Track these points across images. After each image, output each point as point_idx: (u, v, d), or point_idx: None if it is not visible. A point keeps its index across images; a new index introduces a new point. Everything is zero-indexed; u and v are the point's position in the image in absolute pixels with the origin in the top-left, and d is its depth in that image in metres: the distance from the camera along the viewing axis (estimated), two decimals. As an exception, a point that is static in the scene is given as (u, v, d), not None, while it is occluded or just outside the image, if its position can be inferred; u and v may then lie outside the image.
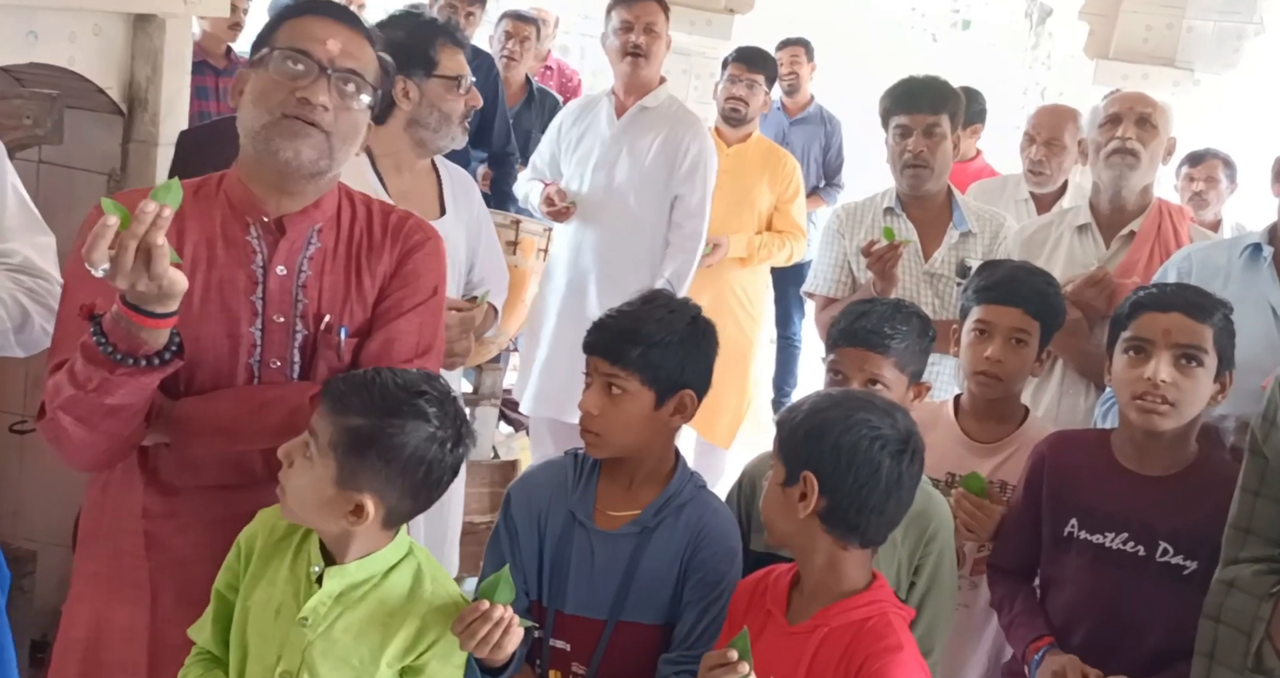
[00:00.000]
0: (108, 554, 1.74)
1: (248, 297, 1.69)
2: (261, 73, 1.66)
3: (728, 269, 4.21)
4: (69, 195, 2.84)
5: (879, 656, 1.62)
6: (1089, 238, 2.77)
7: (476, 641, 1.54)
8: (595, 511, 1.84)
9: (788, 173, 4.32)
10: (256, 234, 1.70)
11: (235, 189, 1.71)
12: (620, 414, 1.79)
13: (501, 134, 4.50)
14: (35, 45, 2.53)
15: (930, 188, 2.95)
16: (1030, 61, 8.57)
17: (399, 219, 1.80)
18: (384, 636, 1.56)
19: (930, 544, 1.95)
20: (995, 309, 2.27)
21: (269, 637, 1.55)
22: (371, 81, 1.70)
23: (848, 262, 3.03)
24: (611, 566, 1.80)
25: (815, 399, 1.73)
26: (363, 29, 1.72)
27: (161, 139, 2.84)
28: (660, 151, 3.69)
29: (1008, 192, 3.82)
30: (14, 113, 2.44)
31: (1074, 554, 2.02)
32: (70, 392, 1.54)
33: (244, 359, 1.69)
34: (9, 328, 2.03)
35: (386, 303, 1.75)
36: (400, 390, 1.51)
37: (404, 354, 1.72)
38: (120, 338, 1.48)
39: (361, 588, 1.56)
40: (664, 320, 1.82)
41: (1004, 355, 2.23)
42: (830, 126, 5.69)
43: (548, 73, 5.90)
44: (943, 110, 2.91)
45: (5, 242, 2.08)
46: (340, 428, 1.49)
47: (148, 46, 2.81)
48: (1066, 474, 2.06)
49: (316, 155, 1.64)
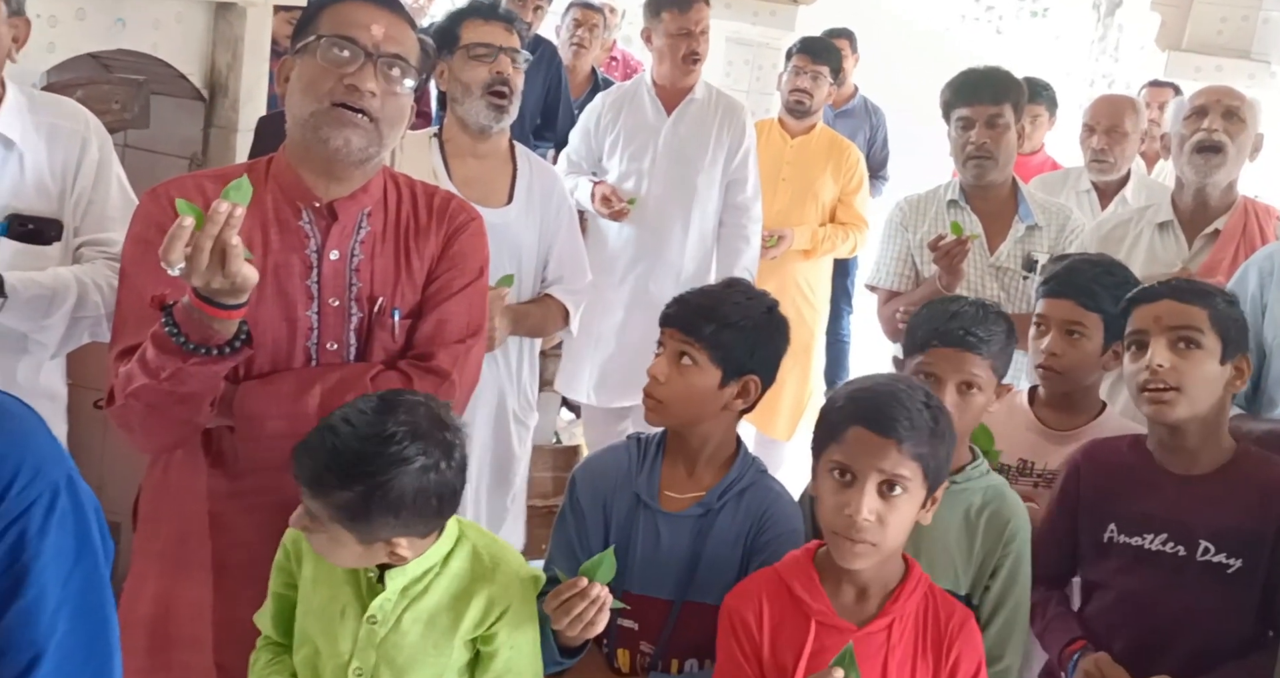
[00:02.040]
0: (172, 534, 1.77)
1: (303, 281, 1.72)
2: (307, 60, 1.68)
3: (791, 260, 4.22)
4: (151, 179, 2.89)
5: (961, 624, 1.66)
6: (1170, 236, 2.73)
7: (571, 618, 1.57)
8: (659, 493, 1.87)
9: (851, 164, 4.32)
10: (309, 219, 1.73)
11: (285, 174, 1.74)
12: (685, 385, 1.82)
13: (566, 123, 4.53)
14: (123, 32, 2.61)
15: (995, 179, 2.93)
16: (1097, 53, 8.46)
17: (442, 201, 1.83)
18: (454, 618, 1.58)
19: (1008, 546, 1.93)
20: (1050, 302, 2.25)
21: (338, 636, 1.57)
22: (415, 65, 1.72)
23: (911, 255, 3.01)
24: (676, 547, 1.83)
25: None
26: (403, 13, 1.74)
27: (241, 125, 2.91)
28: (718, 140, 3.73)
29: (1069, 184, 3.78)
30: (103, 98, 2.52)
31: (1114, 558, 2.00)
32: (142, 381, 1.56)
33: (301, 343, 1.72)
34: (102, 314, 2.11)
35: (436, 284, 1.78)
36: (366, 444, 1.45)
37: (456, 334, 1.76)
38: (192, 328, 1.51)
39: (423, 580, 1.58)
40: (741, 305, 1.85)
41: (1060, 348, 2.21)
42: (875, 118, 5.65)
43: (613, 64, 5.93)
44: (1005, 100, 2.88)
45: (106, 231, 2.15)
46: (333, 507, 1.47)
47: (228, 34, 2.88)
48: (1103, 480, 2.03)
49: (365, 143, 1.67)
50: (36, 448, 1.01)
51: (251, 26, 2.90)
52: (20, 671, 1.00)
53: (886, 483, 1.60)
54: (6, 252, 2.02)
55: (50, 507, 1.00)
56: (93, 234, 2.15)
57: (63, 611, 1.02)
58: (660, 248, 3.75)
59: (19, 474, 0.98)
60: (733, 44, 5.68)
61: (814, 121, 4.33)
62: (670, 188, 3.74)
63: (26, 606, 1.00)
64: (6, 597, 0.99)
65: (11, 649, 0.99)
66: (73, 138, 2.10)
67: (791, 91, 4.25)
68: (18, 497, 0.98)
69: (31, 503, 0.99)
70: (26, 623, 1.00)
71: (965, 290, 2.87)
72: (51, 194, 2.08)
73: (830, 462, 1.63)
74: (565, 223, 2.79)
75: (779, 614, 1.67)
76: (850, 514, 1.58)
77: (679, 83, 3.75)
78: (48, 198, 2.07)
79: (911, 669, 1.65)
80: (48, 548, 1.01)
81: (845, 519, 1.59)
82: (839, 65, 4.34)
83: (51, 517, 1.01)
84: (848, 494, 1.60)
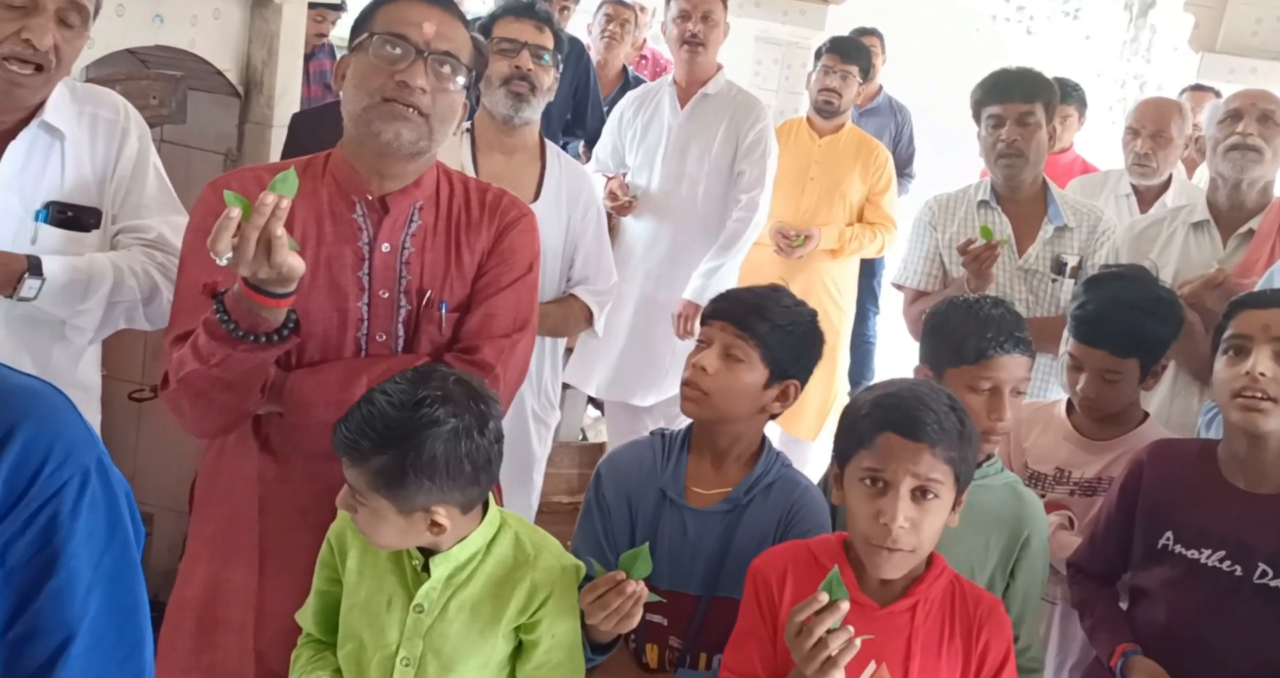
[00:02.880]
0: (223, 518, 1.81)
1: (355, 273, 1.74)
2: (361, 57, 1.71)
3: (818, 260, 4.22)
4: (186, 174, 2.95)
5: (990, 610, 1.67)
6: (1205, 235, 2.71)
7: (607, 612, 1.58)
8: (685, 488, 1.87)
9: (880, 164, 4.30)
10: (362, 212, 1.76)
11: (340, 168, 1.77)
12: (732, 380, 1.82)
13: (595, 119, 4.54)
14: (161, 28, 2.64)
15: (1025, 178, 2.91)
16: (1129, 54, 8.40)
17: (495, 196, 1.85)
18: (497, 606, 1.60)
19: (1025, 548, 1.94)
20: (1084, 349, 2.22)
21: (385, 627, 1.59)
22: (466, 63, 1.74)
23: (939, 254, 2.99)
24: (704, 542, 1.83)
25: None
26: (456, 11, 1.76)
27: (276, 120, 2.94)
28: (726, 136, 3.72)
29: (1109, 187, 3.74)
30: (141, 93, 2.54)
31: (1166, 567, 1.97)
32: (194, 366, 1.60)
33: (351, 333, 1.74)
34: (138, 299, 2.14)
35: (485, 279, 1.80)
36: (399, 410, 1.48)
37: (503, 328, 1.77)
38: (242, 316, 1.55)
39: (468, 567, 1.60)
40: (791, 309, 1.87)
41: (1096, 392, 2.20)
42: (900, 117, 5.63)
43: (643, 62, 5.94)
44: (1036, 99, 2.87)
45: (143, 218, 2.18)
46: (370, 473, 1.49)
47: (264, 31, 2.91)
48: (1166, 486, 2.00)
49: (416, 137, 1.69)
50: (67, 431, 1.01)
51: (287, 23, 2.92)
52: (53, 652, 1.00)
53: (920, 489, 1.59)
54: (47, 239, 2.04)
55: (81, 489, 1.01)
56: (130, 221, 2.17)
57: (94, 593, 1.03)
58: (670, 244, 3.75)
59: (50, 457, 0.98)
60: (762, 43, 5.67)
61: (842, 121, 4.32)
62: (678, 183, 3.74)
63: (58, 587, 1.00)
64: (39, 578, 0.99)
65: (44, 630, 1.00)
66: (113, 128, 2.14)
67: (820, 91, 4.24)
68: (49, 479, 0.98)
69: (63, 485, 0.99)
70: (59, 604, 1.00)
71: (994, 293, 2.86)
72: (91, 183, 2.11)
73: (861, 470, 1.62)
74: (593, 223, 2.80)
75: (802, 583, 1.68)
76: (886, 522, 1.57)
77: (689, 74, 3.74)
78: (87, 187, 2.10)
79: (938, 653, 1.65)
80: (79, 530, 1.01)
81: (881, 528, 1.58)
82: (869, 65, 4.33)
83: (83, 499, 1.01)
84: (881, 502, 1.59)
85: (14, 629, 0.99)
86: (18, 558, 0.98)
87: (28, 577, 0.99)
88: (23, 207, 2.02)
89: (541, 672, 1.63)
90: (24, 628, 0.99)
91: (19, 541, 0.98)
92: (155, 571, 2.92)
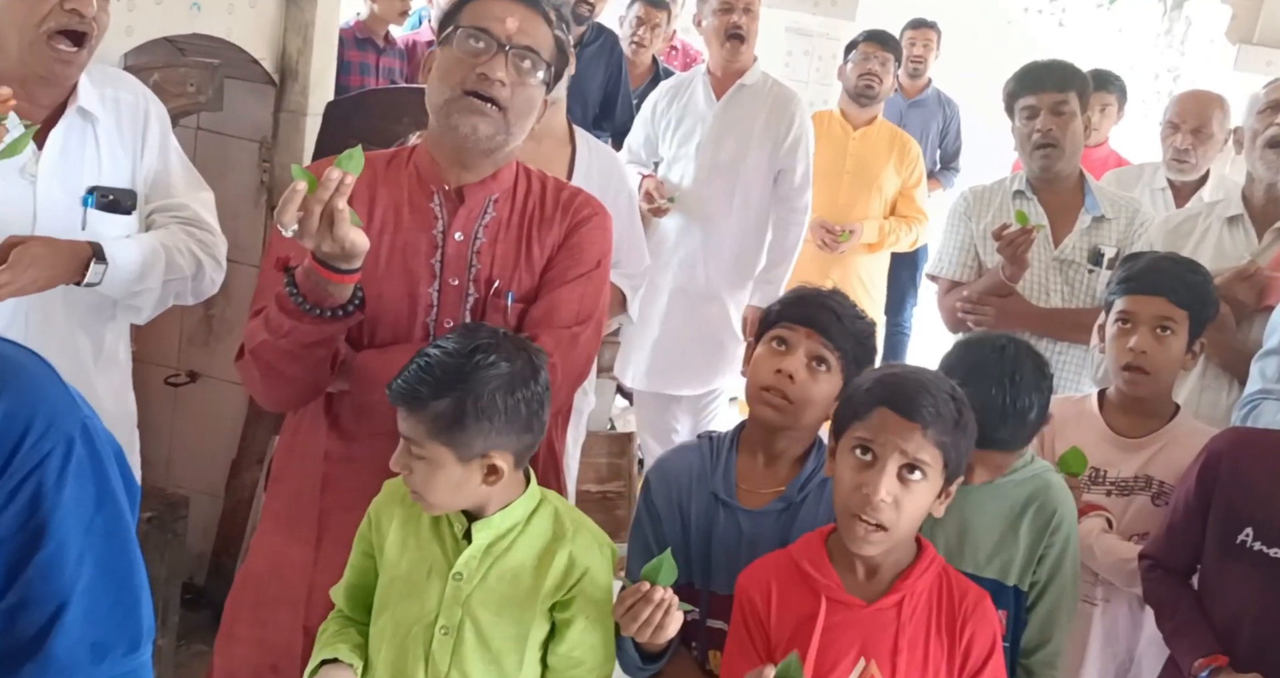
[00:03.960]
0: (291, 493, 1.86)
1: (428, 260, 1.79)
2: (446, 50, 1.77)
3: (854, 254, 4.22)
4: (223, 161, 2.98)
5: (975, 603, 1.66)
6: (1240, 230, 2.67)
7: (639, 623, 1.57)
8: (736, 489, 1.85)
9: (913, 158, 4.30)
10: (439, 202, 1.81)
11: (422, 160, 1.83)
12: (816, 390, 1.80)
13: (625, 111, 4.54)
14: (198, 17, 2.66)
15: (1061, 169, 2.88)
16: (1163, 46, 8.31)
17: (570, 194, 1.89)
18: (537, 578, 1.61)
19: (1054, 535, 1.91)
20: (1138, 299, 2.18)
21: (425, 596, 1.61)
22: (546, 58, 1.79)
23: (974, 245, 2.97)
24: (760, 542, 1.81)
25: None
26: (540, 8, 1.80)
27: (310, 109, 2.96)
28: (764, 129, 3.72)
29: (1144, 180, 3.69)
30: (179, 81, 2.57)
31: (1244, 565, 1.90)
32: (264, 337, 1.67)
33: (421, 318, 1.78)
34: (188, 276, 2.17)
35: (552, 272, 1.82)
36: (455, 357, 1.53)
37: (565, 320, 1.79)
38: (310, 290, 1.60)
39: (508, 537, 1.62)
40: (862, 319, 1.86)
41: (1149, 346, 2.15)
42: (948, 110, 5.59)
43: (673, 53, 5.92)
44: (1070, 88, 2.84)
45: (174, 197, 2.22)
46: (429, 419, 1.53)
47: (299, 19, 2.93)
48: (1246, 479, 1.92)
49: (493, 131, 1.74)
50: (48, 400, 1.01)
51: (322, 12, 2.94)
52: (47, 620, 1.01)
53: (907, 466, 1.59)
54: (95, 223, 2.08)
55: (66, 458, 1.01)
56: (163, 201, 2.21)
57: (86, 558, 1.03)
58: (705, 234, 3.76)
59: (30, 428, 0.98)
60: (792, 34, 5.66)
61: (875, 112, 4.30)
62: (713, 174, 3.74)
63: (47, 557, 1.00)
64: (26, 550, 1.00)
65: (34, 602, 1.01)
66: (136, 110, 2.17)
67: (861, 76, 4.20)
68: (30, 451, 0.98)
69: (46, 456, 0.99)
70: (48, 575, 1.01)
71: (1029, 283, 2.84)
72: (123, 164, 2.14)
73: (853, 439, 1.63)
74: (624, 207, 2.79)
75: (787, 593, 1.67)
76: (868, 494, 1.58)
77: (729, 65, 3.74)
78: (121, 169, 2.14)
79: (925, 648, 1.64)
80: (66, 499, 1.01)
81: (861, 498, 1.59)
82: (901, 57, 4.31)
83: (68, 468, 1.01)
84: (867, 474, 1.60)
85: (6, 599, 1.00)
86: (5, 530, 0.99)
87: (16, 548, 1.00)
88: (68, 193, 2.06)
89: (577, 653, 1.64)
90: (16, 598, 1.00)
91: (4, 513, 0.98)
92: (190, 554, 2.95)
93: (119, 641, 1.06)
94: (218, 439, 3.02)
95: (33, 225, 2.01)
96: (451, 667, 1.60)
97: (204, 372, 3.09)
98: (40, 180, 2.02)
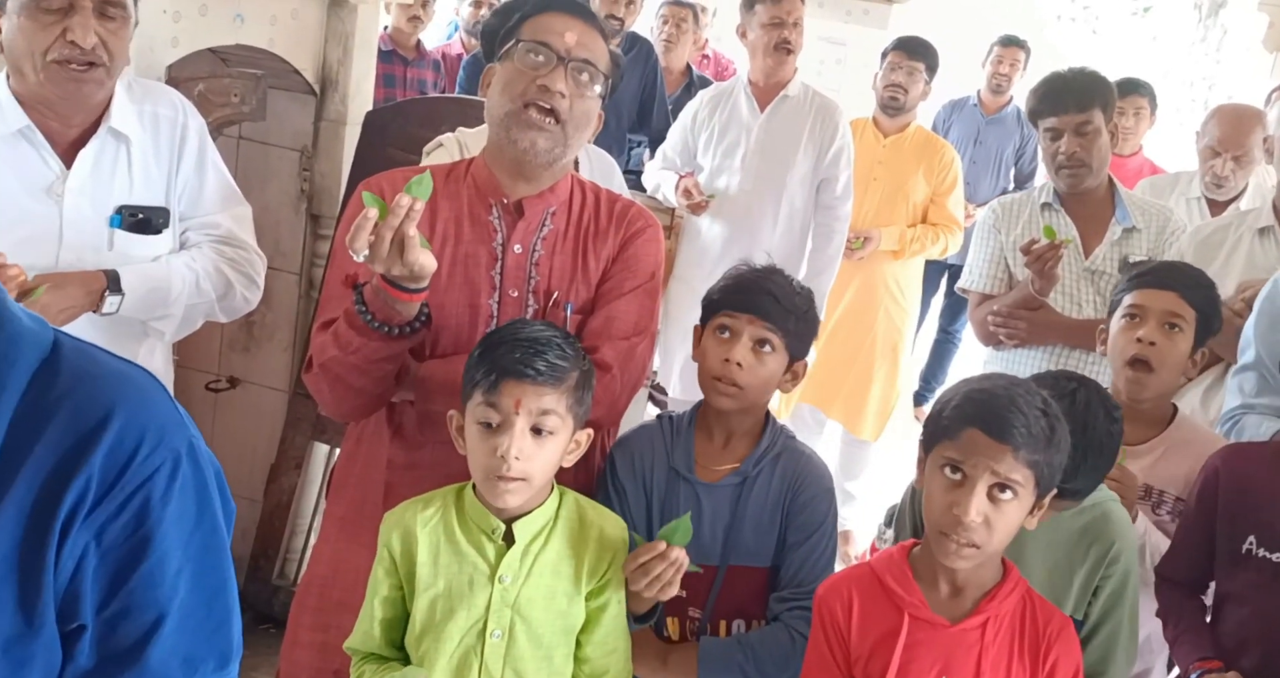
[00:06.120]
0: (353, 500, 1.90)
1: (488, 271, 1.83)
2: (507, 65, 1.81)
3: (880, 261, 4.21)
4: (264, 169, 3.02)
5: (1060, 629, 1.65)
6: (1271, 241, 2.64)
7: (649, 578, 1.64)
8: (695, 465, 1.92)
9: (945, 164, 4.27)
10: (498, 214, 1.85)
11: (481, 173, 1.87)
12: (765, 371, 1.88)
13: (661, 118, 4.58)
14: (241, 28, 2.71)
15: (1089, 185, 2.86)
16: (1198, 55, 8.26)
17: (623, 207, 1.93)
18: (575, 566, 1.67)
19: (1112, 566, 1.89)
20: (1149, 292, 2.19)
21: (471, 606, 1.64)
22: (603, 71, 1.84)
23: (1004, 257, 2.95)
24: (717, 514, 1.89)
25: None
26: (597, 24, 1.86)
27: (349, 118, 3.00)
28: (809, 139, 3.76)
29: (1179, 188, 3.66)
30: (223, 91, 2.61)
31: (1252, 572, 1.94)
32: (333, 352, 1.71)
33: (482, 328, 1.82)
34: (214, 298, 2.20)
35: (608, 284, 1.87)
36: (554, 332, 1.65)
37: (623, 331, 1.84)
38: (378, 308, 1.65)
39: (542, 534, 1.67)
40: (801, 294, 1.93)
41: (1157, 338, 2.14)
42: (1027, 129, 5.47)
43: (704, 62, 5.96)
44: (1092, 106, 2.79)
45: (210, 213, 2.24)
46: (570, 389, 1.62)
47: (340, 30, 2.97)
48: (1244, 489, 1.96)
49: (551, 145, 1.78)
50: (159, 417, 1.03)
51: (362, 23, 2.98)
52: (146, 630, 1.03)
53: (998, 486, 1.58)
54: (121, 243, 2.10)
55: (173, 474, 1.03)
56: (197, 217, 2.22)
57: (184, 573, 1.05)
58: (749, 243, 3.77)
59: (144, 441, 1.01)
60: (824, 43, 5.68)
61: (908, 120, 4.30)
62: (760, 184, 3.77)
63: (150, 568, 1.03)
64: (133, 559, 1.02)
65: (137, 609, 1.03)
66: (174, 126, 2.18)
67: (886, 87, 4.23)
68: (143, 463, 1.01)
69: (156, 470, 1.01)
70: (151, 585, 1.03)
71: (1060, 295, 2.83)
72: (157, 182, 2.15)
73: (943, 457, 1.62)
74: None
75: (869, 608, 1.67)
76: (958, 514, 1.57)
77: (772, 76, 3.78)
78: (154, 187, 2.15)
79: (1007, 671, 1.64)
80: (170, 514, 1.03)
81: (952, 518, 1.58)
82: (936, 64, 4.30)
83: (174, 483, 1.03)
84: (957, 494, 1.59)
85: (109, 608, 1.02)
86: (113, 540, 1.01)
87: (122, 558, 1.02)
88: (96, 213, 2.07)
89: (609, 641, 1.69)
90: (118, 607, 1.02)
91: (114, 523, 1.01)
92: (229, 557, 2.98)
93: (209, 655, 1.08)
94: (257, 444, 3.06)
95: (58, 244, 2.03)
96: (506, 668, 1.63)
97: (244, 377, 3.14)
98: (67, 199, 2.03)
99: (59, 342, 1.03)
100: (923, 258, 4.36)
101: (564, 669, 1.66)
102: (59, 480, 0.99)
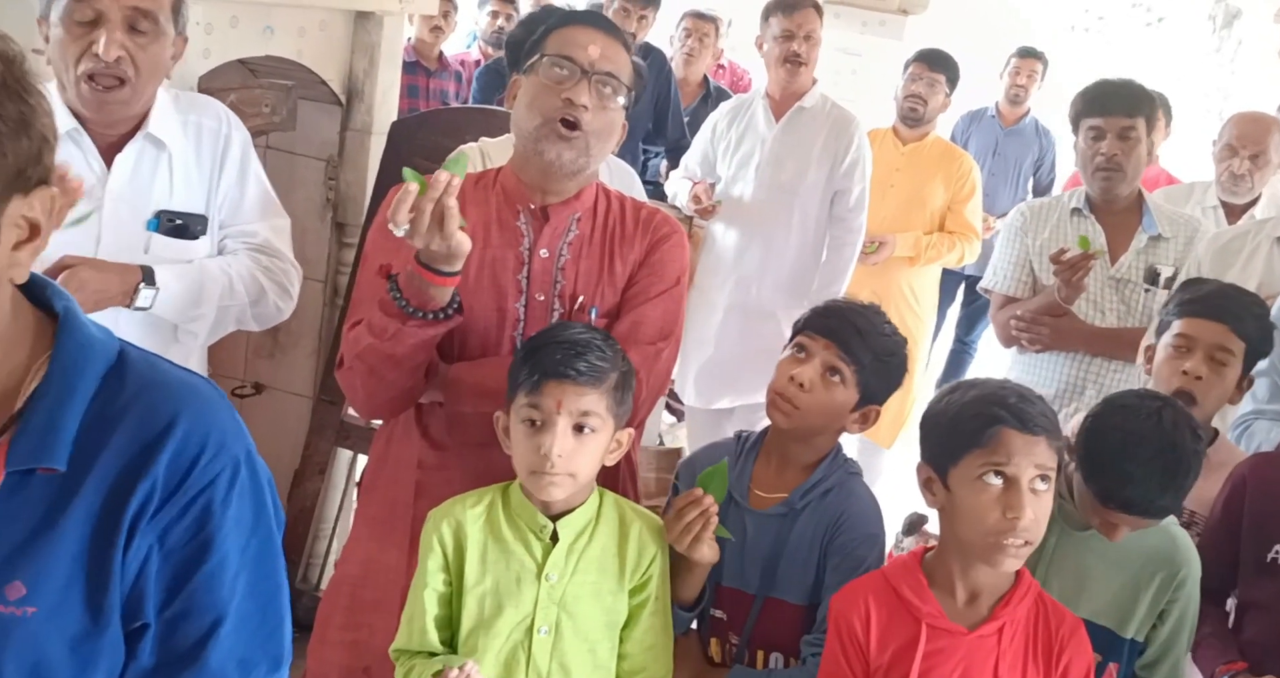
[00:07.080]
0: (384, 501, 1.94)
1: (514, 275, 1.87)
2: (532, 78, 1.85)
3: (896, 267, 4.23)
4: (290, 179, 3.05)
5: (1072, 631, 1.67)
6: None
7: (682, 525, 1.69)
8: (749, 490, 1.92)
9: (963, 172, 4.29)
10: (525, 220, 1.89)
11: (508, 180, 1.91)
12: (828, 398, 1.86)
13: (676, 127, 4.62)
14: (271, 39, 2.74)
15: (1122, 192, 2.88)
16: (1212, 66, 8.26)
17: (648, 213, 1.96)
18: (619, 562, 1.71)
19: (1179, 590, 1.89)
20: (1198, 323, 2.16)
21: (519, 603, 1.67)
22: (626, 83, 1.87)
23: (1029, 260, 2.97)
24: (760, 543, 1.88)
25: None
26: (620, 37, 1.89)
27: (375, 127, 3.03)
28: (823, 150, 3.78)
29: (1194, 198, 3.67)
30: (254, 102, 2.64)
31: (1276, 581, 1.95)
32: (368, 341, 1.74)
33: (508, 332, 1.86)
34: (246, 302, 2.22)
35: (634, 289, 1.90)
36: (594, 334, 1.70)
37: (649, 336, 1.86)
38: (413, 294, 1.69)
39: (586, 532, 1.70)
40: (891, 339, 1.90)
41: (1204, 372, 2.12)
42: (1045, 141, 5.54)
43: (720, 71, 5.98)
44: (1138, 114, 2.83)
45: (249, 222, 2.27)
46: (610, 390, 1.65)
47: (366, 41, 3.01)
48: (1271, 497, 1.97)
49: (575, 156, 1.82)
50: (220, 424, 1.07)
51: (388, 34, 3.02)
52: (205, 631, 1.06)
53: (1040, 477, 1.61)
54: (158, 248, 2.13)
55: (233, 479, 1.06)
56: (236, 226, 2.25)
57: (241, 577, 1.08)
58: (762, 253, 3.80)
59: (206, 447, 1.04)
60: (840, 54, 5.70)
61: (927, 130, 4.32)
62: (773, 193, 3.79)
63: (211, 570, 1.06)
64: (194, 561, 1.05)
65: (197, 611, 1.06)
66: (216, 136, 2.21)
67: (907, 98, 4.26)
68: (205, 468, 1.04)
69: (217, 475, 1.05)
70: (210, 587, 1.06)
71: (1085, 303, 2.85)
72: (197, 190, 2.18)
73: (978, 467, 1.61)
74: None
75: (886, 617, 1.68)
76: (1013, 518, 1.58)
77: (787, 88, 3.81)
78: (194, 194, 2.18)
79: (1022, 674, 1.66)
80: (229, 518, 1.06)
81: (1008, 524, 1.58)
82: (957, 76, 4.33)
83: (234, 488, 1.06)
84: (1008, 497, 1.59)
85: (170, 609, 1.05)
86: (175, 541, 1.04)
87: (184, 560, 1.05)
88: (133, 217, 2.10)
89: (648, 637, 1.72)
90: (179, 608, 1.05)
91: (177, 525, 1.04)
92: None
93: (262, 659, 1.11)
94: (281, 450, 3.09)
95: (96, 245, 2.06)
96: (553, 663, 1.66)
97: (269, 384, 3.17)
98: (106, 201, 2.06)
99: (125, 351, 1.07)
100: (939, 267, 4.37)
101: (608, 663, 1.70)
102: (126, 484, 1.02)
